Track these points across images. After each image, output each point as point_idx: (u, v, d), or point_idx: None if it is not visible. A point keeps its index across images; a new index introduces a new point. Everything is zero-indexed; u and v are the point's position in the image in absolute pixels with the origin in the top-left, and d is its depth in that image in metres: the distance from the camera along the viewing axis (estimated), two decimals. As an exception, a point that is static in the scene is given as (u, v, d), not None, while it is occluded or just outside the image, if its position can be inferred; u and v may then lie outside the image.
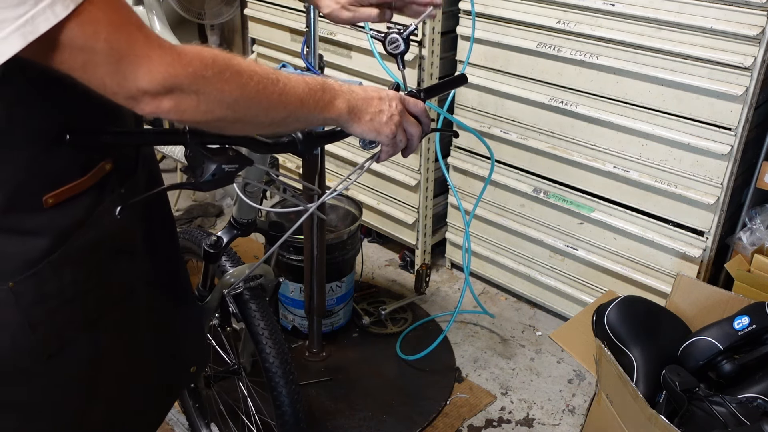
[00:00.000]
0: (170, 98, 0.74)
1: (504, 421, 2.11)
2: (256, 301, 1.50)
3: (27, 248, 0.83)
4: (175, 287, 1.20)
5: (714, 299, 1.80)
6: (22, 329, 0.85)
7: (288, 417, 1.50)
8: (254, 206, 1.37)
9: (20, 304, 0.84)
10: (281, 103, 0.86)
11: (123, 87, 0.72)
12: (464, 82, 1.31)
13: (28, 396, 0.91)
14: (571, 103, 2.14)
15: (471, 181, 2.55)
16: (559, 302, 2.49)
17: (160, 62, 0.72)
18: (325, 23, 2.58)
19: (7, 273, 0.83)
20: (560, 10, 2.08)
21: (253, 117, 0.84)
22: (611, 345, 1.67)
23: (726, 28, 1.77)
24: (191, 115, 0.78)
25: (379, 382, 2.23)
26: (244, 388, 1.71)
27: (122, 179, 0.96)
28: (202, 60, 0.76)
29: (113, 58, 0.70)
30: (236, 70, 0.80)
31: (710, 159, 1.93)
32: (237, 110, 0.81)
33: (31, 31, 0.66)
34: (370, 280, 2.76)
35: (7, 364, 0.87)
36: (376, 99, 0.99)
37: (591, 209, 2.24)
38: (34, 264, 0.84)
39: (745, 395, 1.52)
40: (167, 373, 1.19)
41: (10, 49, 0.66)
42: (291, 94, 0.86)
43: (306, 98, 0.88)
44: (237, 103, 0.80)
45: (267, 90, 0.83)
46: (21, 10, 0.65)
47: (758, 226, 2.01)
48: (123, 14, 0.71)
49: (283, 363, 1.49)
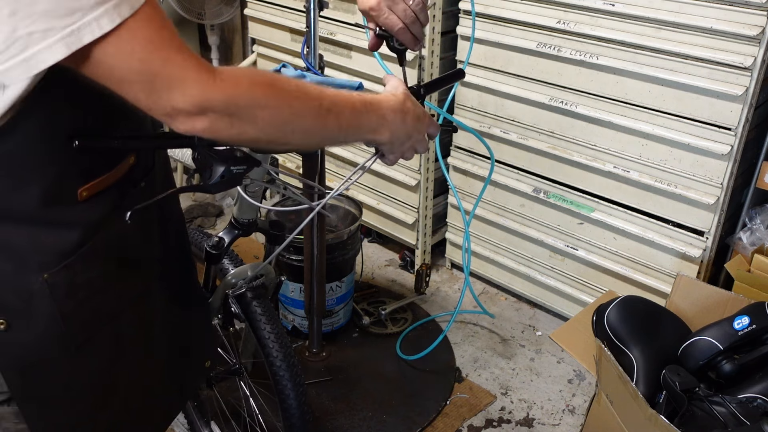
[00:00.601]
0: (204, 119, 0.77)
1: (504, 421, 2.11)
2: (259, 301, 1.50)
3: (62, 241, 0.86)
4: (187, 285, 1.23)
5: (714, 299, 1.80)
6: (54, 320, 0.88)
7: (295, 417, 1.51)
8: (256, 205, 1.37)
9: (54, 295, 0.87)
10: (319, 128, 0.88)
11: (158, 104, 0.75)
12: (461, 76, 1.32)
13: (52, 389, 0.93)
14: (571, 103, 2.14)
15: (471, 181, 2.55)
16: (559, 302, 2.49)
17: (194, 85, 0.74)
18: (325, 23, 2.58)
19: (43, 265, 0.85)
20: (560, 10, 2.08)
21: (287, 140, 0.87)
22: (611, 345, 1.67)
23: (726, 28, 1.77)
24: (225, 135, 0.80)
25: (379, 382, 2.23)
26: (246, 388, 1.71)
27: (143, 173, 0.99)
28: (237, 85, 0.78)
29: (147, 77, 0.72)
30: (274, 96, 0.81)
31: (710, 159, 1.93)
32: (271, 133, 0.83)
33: (75, 42, 0.68)
34: (370, 280, 2.76)
35: (36, 355, 0.89)
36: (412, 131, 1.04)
37: (591, 209, 2.24)
38: (67, 256, 0.87)
39: (745, 395, 1.52)
40: (181, 369, 1.22)
41: (53, 56, 0.69)
42: (331, 121, 0.88)
43: (348, 125, 0.91)
44: (271, 127, 0.82)
45: (306, 116, 0.85)
46: (69, 20, 0.68)
47: (758, 226, 2.01)
48: (164, 35, 0.73)
49: (288, 363, 1.49)
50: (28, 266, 0.85)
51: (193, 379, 1.34)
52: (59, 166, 0.83)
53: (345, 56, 2.60)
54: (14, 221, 0.83)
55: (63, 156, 0.83)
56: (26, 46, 0.68)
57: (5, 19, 0.66)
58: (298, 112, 0.84)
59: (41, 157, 0.81)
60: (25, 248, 0.84)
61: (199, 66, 0.75)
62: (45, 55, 0.68)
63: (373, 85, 2.38)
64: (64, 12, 0.67)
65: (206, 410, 1.85)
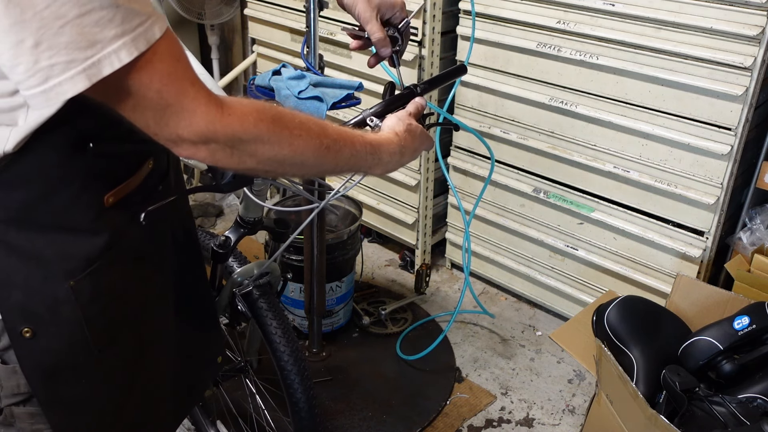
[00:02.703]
0: (206, 148, 0.79)
1: (504, 421, 2.11)
2: (265, 299, 1.51)
3: (88, 247, 0.88)
4: (199, 284, 1.25)
5: (714, 299, 1.80)
6: (79, 325, 0.89)
7: (304, 413, 1.51)
8: (262, 204, 1.37)
9: (79, 301, 0.88)
10: (316, 164, 0.90)
11: (164, 131, 0.77)
12: (464, 72, 1.31)
13: (75, 392, 0.94)
14: (571, 103, 2.14)
15: (471, 181, 2.55)
16: (559, 302, 2.49)
17: (202, 118, 0.77)
18: (325, 23, 2.58)
19: (69, 272, 0.87)
20: (560, 10, 2.08)
21: (284, 172, 0.92)
22: (611, 345, 1.67)
23: (726, 28, 1.77)
24: (225, 163, 0.82)
25: (379, 382, 2.23)
26: (252, 386, 1.71)
27: (160, 177, 1.01)
28: (243, 122, 0.80)
29: (160, 106, 0.75)
30: (277, 133, 0.83)
31: (710, 159, 1.93)
32: (269, 166, 0.86)
33: (95, 74, 0.70)
34: (370, 280, 2.76)
35: (60, 360, 0.90)
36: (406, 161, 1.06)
37: (591, 209, 2.24)
38: (92, 262, 0.88)
39: (745, 395, 1.52)
40: (193, 368, 1.24)
41: (75, 87, 0.70)
42: (329, 159, 0.90)
43: (344, 164, 0.93)
44: (270, 161, 0.85)
45: (305, 153, 0.87)
46: (90, 52, 0.69)
47: (758, 226, 2.01)
48: (179, 67, 0.75)
49: (296, 359, 1.50)
50: (54, 274, 0.86)
51: (205, 377, 1.35)
52: (85, 173, 0.85)
53: (345, 56, 2.60)
54: (41, 230, 0.84)
55: (88, 163, 0.85)
56: (48, 78, 0.69)
57: (29, 50, 0.67)
58: (298, 149, 0.85)
59: (67, 166, 0.83)
60: (52, 256, 0.85)
61: (208, 99, 0.77)
62: (66, 87, 0.69)
63: (373, 84, 2.38)
64: (85, 44, 0.68)
65: (212, 410, 1.85)
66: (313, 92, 1.56)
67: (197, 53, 3.49)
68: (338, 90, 1.62)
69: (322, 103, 1.56)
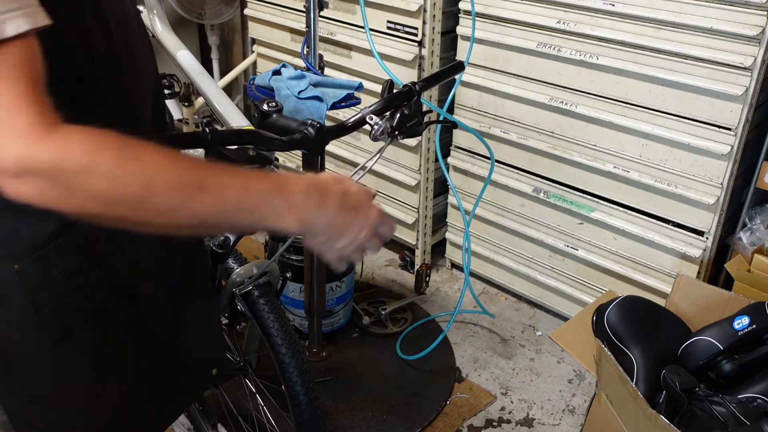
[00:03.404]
0: (25, 183, 0.63)
1: (504, 421, 2.11)
2: (265, 298, 1.51)
3: (34, 231, 0.85)
4: (194, 287, 1.18)
5: (714, 299, 1.80)
6: (27, 312, 0.87)
7: (306, 412, 1.51)
8: None
9: (25, 286, 0.86)
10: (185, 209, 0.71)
11: None
12: (461, 69, 1.32)
13: (34, 383, 0.93)
14: (571, 103, 2.14)
15: (471, 181, 2.55)
16: (559, 302, 2.49)
17: (18, 140, 0.62)
18: (325, 23, 2.58)
19: (15, 255, 0.84)
20: (560, 10, 2.08)
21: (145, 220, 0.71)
22: (611, 345, 1.67)
23: (726, 28, 1.77)
24: (62, 206, 0.67)
25: (379, 382, 2.23)
26: (252, 385, 1.71)
27: None
28: (66, 146, 0.64)
29: None
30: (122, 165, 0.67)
31: (710, 159, 1.93)
32: (116, 210, 0.68)
33: None
34: (370, 280, 2.76)
35: (14, 347, 0.89)
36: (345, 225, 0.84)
37: (591, 209, 2.24)
38: (40, 248, 0.85)
39: (745, 395, 1.52)
40: (183, 376, 1.18)
41: None
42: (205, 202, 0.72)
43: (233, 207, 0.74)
44: (115, 204, 0.68)
45: (165, 194, 0.69)
46: None
47: (758, 226, 2.01)
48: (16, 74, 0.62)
49: (297, 358, 1.50)
50: (0, 255, 0.84)
51: (195, 387, 1.30)
52: None
53: (345, 56, 2.60)
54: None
55: None
56: None
57: None
58: (154, 187, 0.68)
59: None
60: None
61: (36, 119, 0.62)
62: None
63: (373, 84, 2.38)
64: None
65: (212, 413, 1.84)
66: (313, 92, 1.57)
67: (197, 53, 3.49)
68: (338, 90, 1.62)
69: (322, 103, 1.56)
